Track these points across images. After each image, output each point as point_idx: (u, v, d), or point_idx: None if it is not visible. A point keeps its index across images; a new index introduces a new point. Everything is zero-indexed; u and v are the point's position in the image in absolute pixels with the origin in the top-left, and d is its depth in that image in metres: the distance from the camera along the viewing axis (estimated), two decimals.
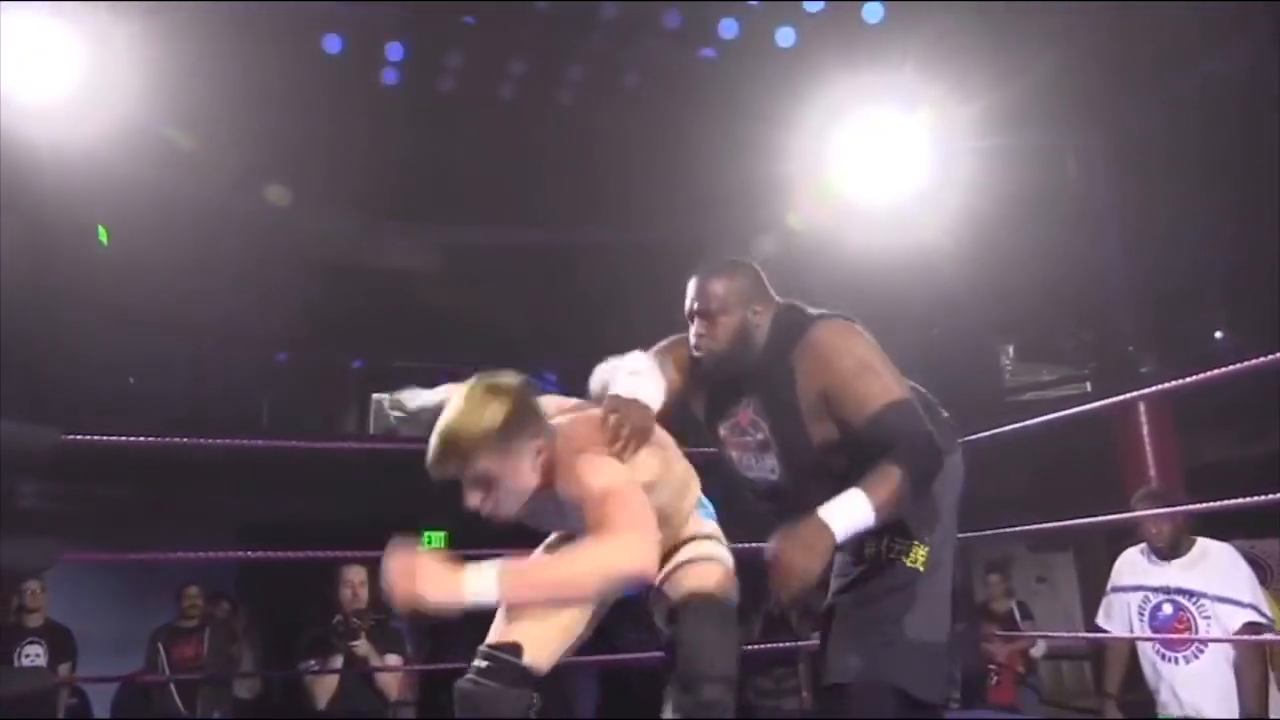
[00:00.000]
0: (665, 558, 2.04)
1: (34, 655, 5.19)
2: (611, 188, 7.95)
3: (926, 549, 2.04)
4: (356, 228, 8.82)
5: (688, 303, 2.14)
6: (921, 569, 2.02)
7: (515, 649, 1.98)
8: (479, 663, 1.98)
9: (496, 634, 2.02)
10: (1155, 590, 3.50)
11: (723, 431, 2.19)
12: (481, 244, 8.82)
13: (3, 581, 5.20)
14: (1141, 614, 3.52)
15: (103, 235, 7.66)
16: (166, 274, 7.49)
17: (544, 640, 2.04)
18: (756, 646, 6.16)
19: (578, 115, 7.67)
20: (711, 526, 2.15)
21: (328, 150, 7.48)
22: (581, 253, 8.65)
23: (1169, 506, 3.61)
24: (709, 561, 2.04)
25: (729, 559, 2.09)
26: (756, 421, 2.12)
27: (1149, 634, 3.46)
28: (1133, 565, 3.64)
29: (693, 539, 2.09)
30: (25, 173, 5.34)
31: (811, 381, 2.01)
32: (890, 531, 2.01)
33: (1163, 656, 3.43)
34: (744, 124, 6.99)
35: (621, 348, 2.16)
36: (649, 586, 1.99)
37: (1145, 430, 5.82)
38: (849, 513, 1.85)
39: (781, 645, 6.18)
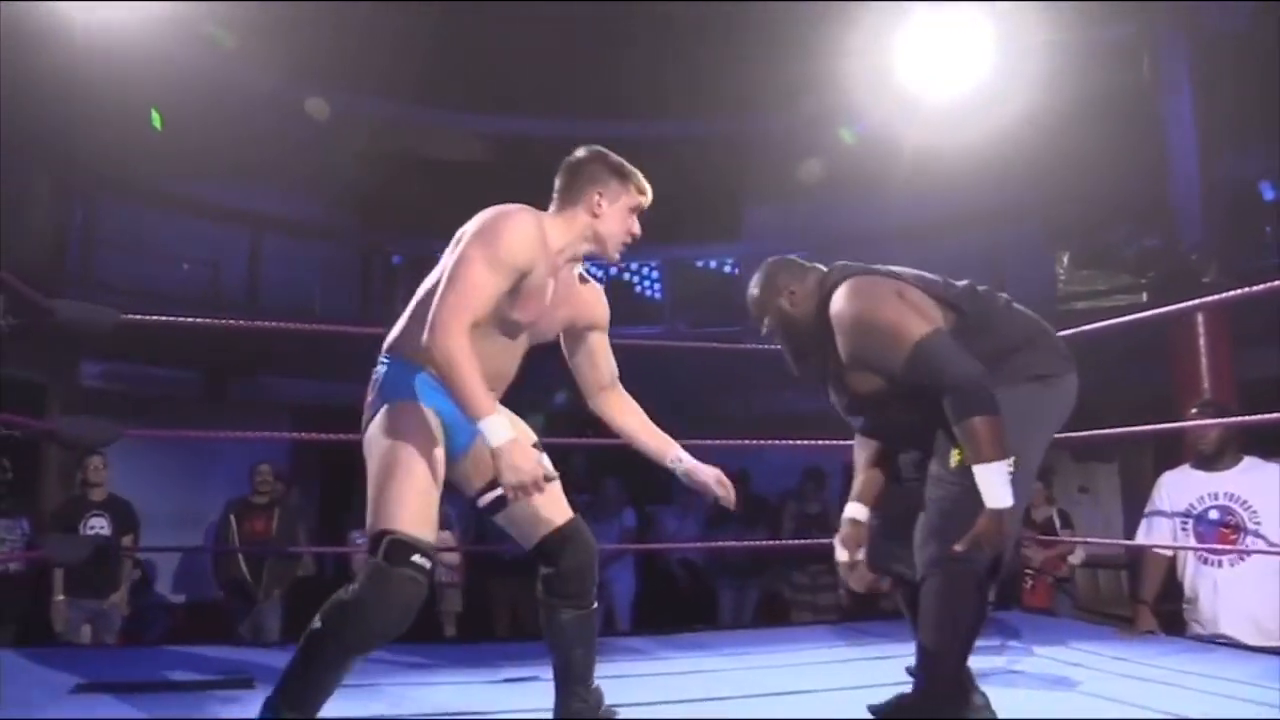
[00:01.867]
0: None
1: (98, 527, 5.42)
2: (668, 81, 7.79)
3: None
4: (409, 119, 8.76)
5: None
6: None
7: (433, 549, 1.98)
8: (421, 560, 1.93)
9: (421, 529, 1.96)
10: (1202, 497, 3.48)
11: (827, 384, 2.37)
12: (532, 135, 8.73)
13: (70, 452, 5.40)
14: (1185, 525, 3.50)
15: (155, 119, 7.69)
16: (222, 162, 7.53)
17: (430, 517, 2.00)
18: (793, 543, 6.27)
19: (631, 7, 7.47)
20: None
21: (382, 40, 7.39)
22: (634, 146, 8.53)
23: (1219, 416, 3.56)
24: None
25: None
26: (826, 380, 2.32)
27: (1193, 544, 3.45)
28: (1173, 484, 3.61)
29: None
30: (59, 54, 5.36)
31: (843, 350, 2.19)
32: None
33: (1204, 560, 3.42)
34: (805, 15, 6.78)
35: (670, 240, 2.21)
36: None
37: (1202, 342, 5.69)
38: (992, 485, 1.99)
39: (818, 542, 6.27)
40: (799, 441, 4.19)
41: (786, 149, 8.18)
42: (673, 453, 2.32)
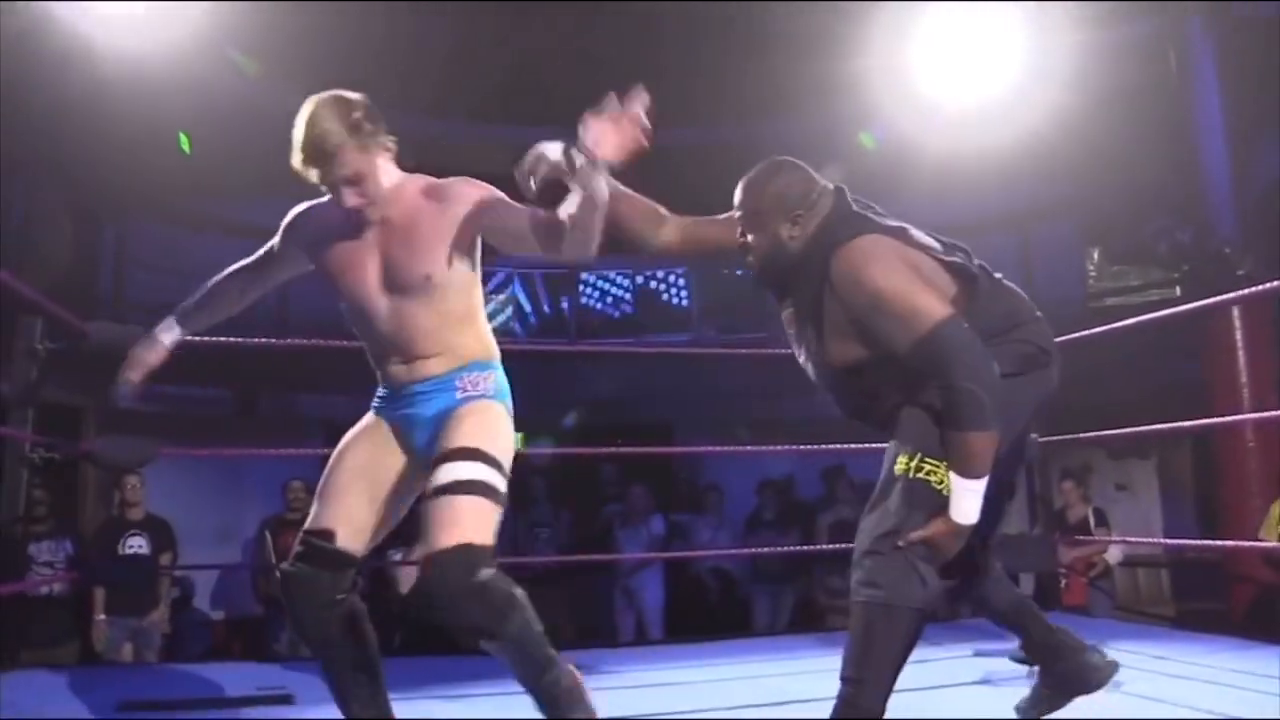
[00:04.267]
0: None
1: (137, 546, 5.48)
2: (689, 88, 7.79)
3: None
4: (432, 131, 8.82)
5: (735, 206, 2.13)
6: (949, 494, 1.88)
7: (329, 534, 1.97)
8: (298, 548, 1.99)
9: (313, 519, 2.01)
10: None
11: (783, 316, 2.16)
12: None
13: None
14: None
15: (184, 143, 7.78)
16: (248, 181, 7.60)
17: (361, 525, 2.00)
18: (827, 547, 6.24)
19: (652, 13, 7.49)
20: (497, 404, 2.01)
21: (404, 52, 7.45)
22: (657, 153, 8.53)
23: None
24: (476, 495, 1.84)
25: (501, 483, 1.89)
26: (792, 323, 2.11)
27: None
28: None
29: (463, 451, 1.88)
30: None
31: (842, 303, 1.94)
32: (922, 447, 1.90)
33: None
34: (819, 16, 6.76)
35: None
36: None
37: (1239, 335, 5.61)
38: (965, 500, 1.84)
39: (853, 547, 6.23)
40: (835, 446, 4.18)
41: (810, 153, 8.16)
42: None
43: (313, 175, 1.94)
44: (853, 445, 3.68)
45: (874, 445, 2.55)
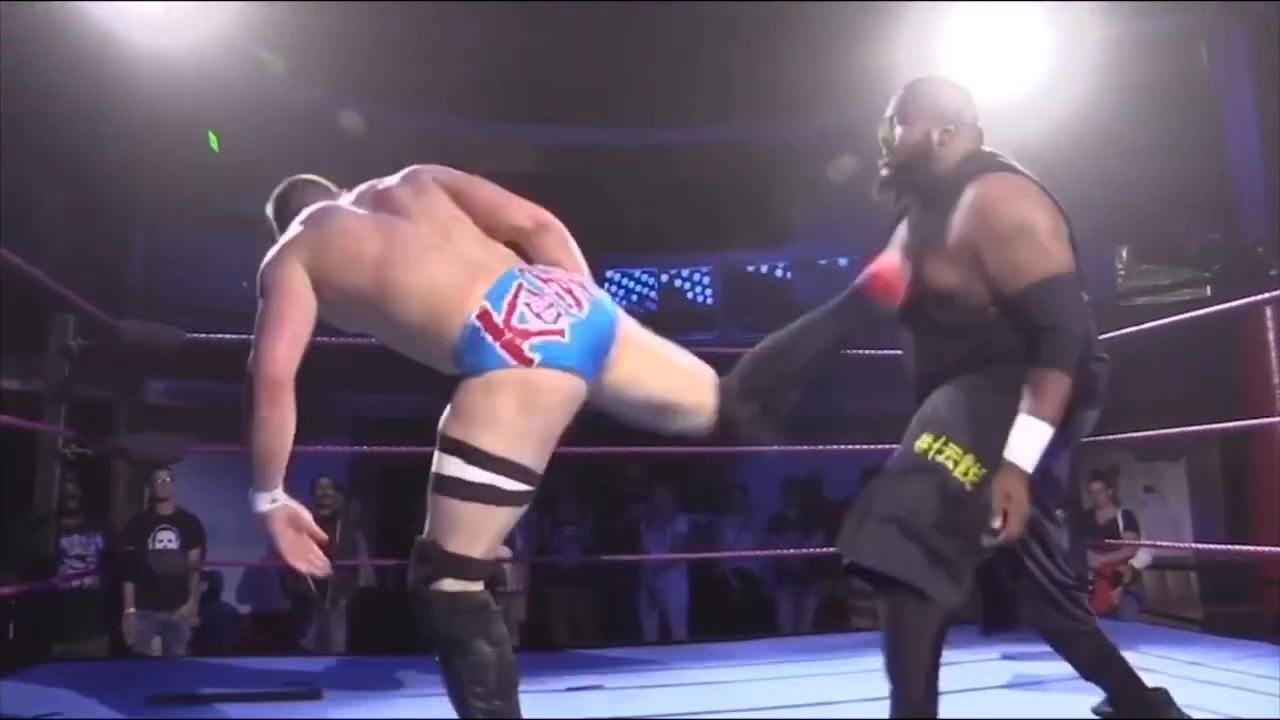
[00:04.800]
0: None
1: (166, 540, 5.54)
2: (716, 86, 7.77)
3: (981, 468, 1.82)
4: (456, 130, 8.86)
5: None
6: (968, 486, 1.81)
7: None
8: None
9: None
10: None
11: (896, 237, 2.13)
12: (587, 144, 8.74)
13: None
14: None
15: (213, 141, 7.84)
16: (277, 180, 7.66)
17: None
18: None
19: (677, 13, 7.48)
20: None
21: (427, 53, 7.47)
22: (684, 151, 8.53)
23: None
24: (437, 494, 1.72)
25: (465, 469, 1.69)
26: (904, 245, 2.06)
27: None
28: None
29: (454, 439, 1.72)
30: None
31: (964, 228, 1.91)
32: (949, 431, 1.85)
33: None
34: (847, 13, 6.73)
35: (721, 245, 2.16)
36: None
37: (1271, 336, 5.54)
38: (1028, 442, 1.80)
39: None
40: (863, 446, 4.15)
41: (837, 151, 8.13)
42: None
43: None
44: (882, 445, 3.65)
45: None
